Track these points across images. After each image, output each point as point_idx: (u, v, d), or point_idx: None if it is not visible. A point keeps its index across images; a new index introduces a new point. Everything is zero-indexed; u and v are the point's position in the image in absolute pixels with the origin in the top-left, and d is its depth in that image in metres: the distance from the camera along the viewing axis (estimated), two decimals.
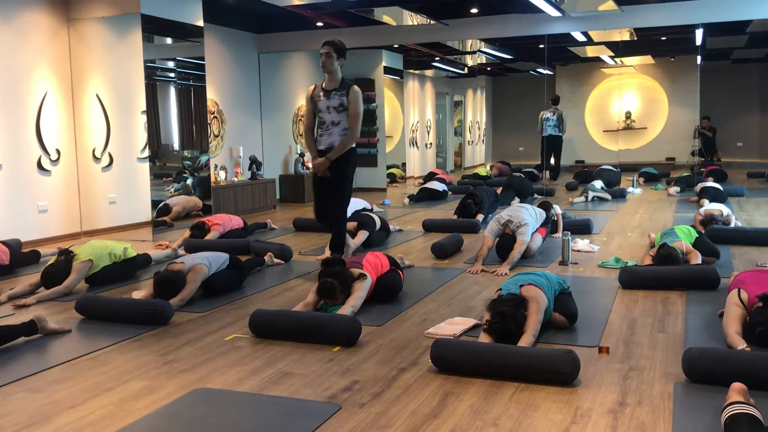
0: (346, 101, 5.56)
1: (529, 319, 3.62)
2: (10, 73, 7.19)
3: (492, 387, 3.10)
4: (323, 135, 5.70)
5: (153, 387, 3.14)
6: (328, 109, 5.63)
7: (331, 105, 5.61)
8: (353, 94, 5.57)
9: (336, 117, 5.62)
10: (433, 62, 14.93)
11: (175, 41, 9.04)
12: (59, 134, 7.82)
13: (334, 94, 5.60)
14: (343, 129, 5.62)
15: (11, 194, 7.20)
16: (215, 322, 4.26)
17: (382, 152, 13.46)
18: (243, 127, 10.80)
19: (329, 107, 5.62)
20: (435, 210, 9.77)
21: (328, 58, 5.55)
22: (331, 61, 5.56)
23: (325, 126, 5.68)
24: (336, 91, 5.61)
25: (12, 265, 5.89)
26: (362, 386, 3.14)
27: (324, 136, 5.69)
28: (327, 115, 5.65)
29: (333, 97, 5.60)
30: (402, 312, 4.39)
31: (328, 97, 5.62)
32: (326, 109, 5.64)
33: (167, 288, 4.57)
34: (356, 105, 5.56)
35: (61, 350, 3.79)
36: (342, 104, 5.57)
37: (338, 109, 5.60)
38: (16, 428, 2.77)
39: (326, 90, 5.65)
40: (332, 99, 5.60)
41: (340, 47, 5.59)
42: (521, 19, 9.87)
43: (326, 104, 5.63)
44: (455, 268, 5.80)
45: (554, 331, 3.82)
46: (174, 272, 4.66)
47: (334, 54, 5.54)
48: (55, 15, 7.72)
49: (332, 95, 5.61)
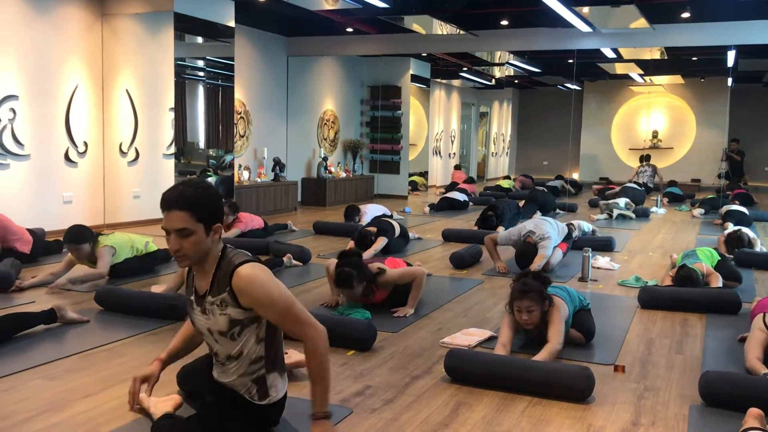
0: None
1: (552, 328, 3.59)
2: (44, 65, 7.31)
3: (505, 399, 3.08)
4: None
5: (167, 381, 3.15)
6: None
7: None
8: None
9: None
10: (461, 72, 14.93)
11: (205, 41, 9.13)
12: (88, 127, 7.93)
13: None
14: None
15: (38, 184, 7.31)
16: None
17: (405, 160, 13.47)
18: (268, 128, 10.87)
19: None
20: (455, 220, 9.75)
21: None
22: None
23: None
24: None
25: (35, 254, 5.97)
26: (374, 391, 3.13)
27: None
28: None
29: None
30: (418, 320, 4.39)
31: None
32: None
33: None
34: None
35: (78, 340, 3.83)
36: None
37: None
38: (31, 414, 2.81)
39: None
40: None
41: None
42: (551, 33, 9.85)
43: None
44: (473, 278, 5.78)
45: (570, 347, 3.79)
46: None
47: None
48: (90, 9, 7.84)
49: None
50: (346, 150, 13.22)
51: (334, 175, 12.19)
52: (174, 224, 2.29)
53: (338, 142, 13.05)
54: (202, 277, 2.44)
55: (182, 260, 2.36)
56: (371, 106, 13.71)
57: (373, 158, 13.77)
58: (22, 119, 7.10)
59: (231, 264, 2.36)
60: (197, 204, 2.30)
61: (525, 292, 3.59)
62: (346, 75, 13.18)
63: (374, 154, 13.76)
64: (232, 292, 2.35)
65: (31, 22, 7.13)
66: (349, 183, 12.43)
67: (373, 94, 13.66)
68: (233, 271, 2.34)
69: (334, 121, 12.88)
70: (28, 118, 7.17)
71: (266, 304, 2.34)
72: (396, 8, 8.30)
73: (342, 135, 13.16)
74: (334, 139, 12.89)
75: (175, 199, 2.30)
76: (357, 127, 13.75)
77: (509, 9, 9.09)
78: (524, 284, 3.63)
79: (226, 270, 2.37)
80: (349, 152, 13.24)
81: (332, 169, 12.31)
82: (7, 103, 6.93)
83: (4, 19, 6.86)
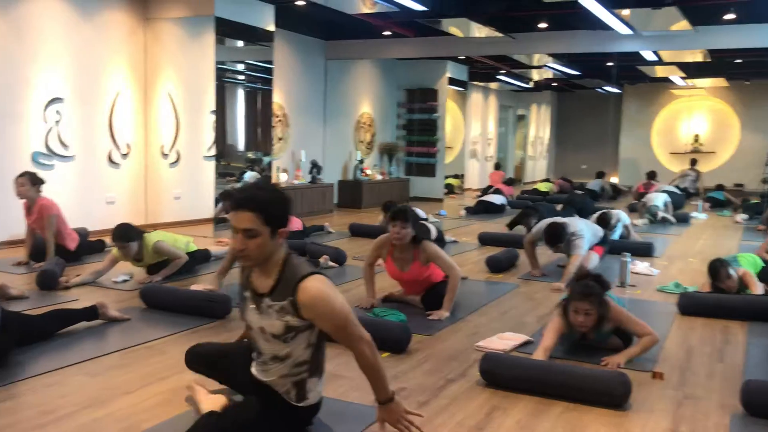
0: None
1: (632, 325, 3.67)
2: (88, 68, 7.48)
3: (540, 404, 3.07)
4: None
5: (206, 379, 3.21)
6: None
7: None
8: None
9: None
10: (498, 75, 14.86)
11: (245, 44, 9.25)
12: (130, 129, 8.10)
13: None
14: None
15: (82, 185, 7.48)
16: None
17: (441, 163, 13.45)
18: (306, 131, 10.96)
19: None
20: (491, 223, 9.70)
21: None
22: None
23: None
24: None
25: (79, 252, 6.11)
26: (409, 393, 3.14)
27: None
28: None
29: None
30: (453, 323, 4.38)
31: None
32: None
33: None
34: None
35: (120, 337, 3.92)
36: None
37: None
38: (74, 409, 2.88)
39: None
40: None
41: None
42: (590, 36, 9.74)
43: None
44: (509, 282, 5.75)
45: (608, 352, 3.74)
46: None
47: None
48: (133, 14, 8.01)
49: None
50: (382, 153, 13.25)
51: (369, 178, 12.23)
52: (242, 224, 2.33)
53: (374, 145, 13.09)
54: (262, 278, 2.47)
55: (245, 260, 2.41)
56: (408, 109, 13.72)
57: (409, 161, 13.78)
58: (68, 121, 7.28)
59: (296, 274, 2.40)
60: (266, 207, 2.35)
61: (586, 294, 3.57)
62: (382, 78, 13.22)
63: (410, 157, 13.76)
64: (295, 303, 2.38)
65: (77, 26, 7.31)
66: (385, 185, 12.46)
67: (410, 97, 13.67)
68: (298, 282, 2.37)
69: (371, 123, 12.93)
70: (73, 120, 7.35)
71: (326, 319, 2.40)
72: (433, 11, 8.30)
73: (378, 138, 13.20)
74: (370, 141, 12.93)
75: (245, 200, 2.34)
76: (393, 129, 13.78)
77: (548, 12, 9.02)
78: (586, 286, 3.62)
79: (290, 279, 2.40)
80: (385, 155, 13.27)
81: (368, 172, 12.35)
82: (53, 106, 7.12)
83: (51, 24, 7.04)
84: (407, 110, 13.74)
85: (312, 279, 2.38)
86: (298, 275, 2.38)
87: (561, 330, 3.66)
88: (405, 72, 13.56)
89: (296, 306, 2.38)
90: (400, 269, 4.60)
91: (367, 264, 4.79)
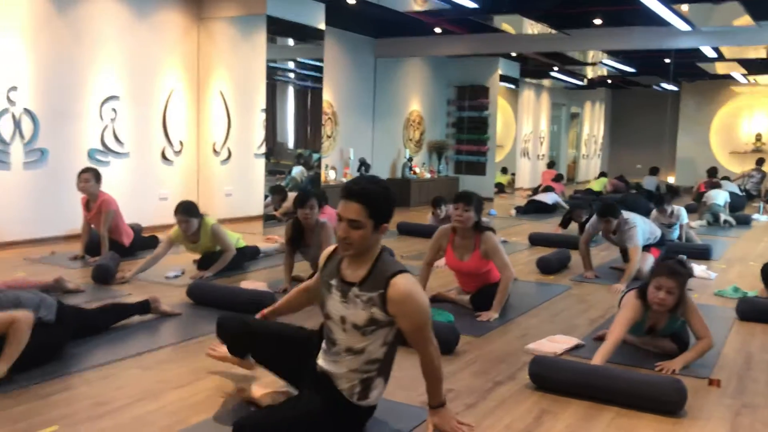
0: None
1: (697, 325, 3.57)
2: (143, 67, 7.65)
3: (591, 409, 3.00)
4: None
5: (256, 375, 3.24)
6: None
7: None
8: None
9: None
10: (551, 72, 14.64)
11: (296, 43, 9.32)
12: (183, 127, 8.25)
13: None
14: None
15: (136, 181, 7.65)
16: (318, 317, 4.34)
17: (491, 161, 13.33)
18: (355, 129, 10.99)
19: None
20: (542, 224, 9.56)
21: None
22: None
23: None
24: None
25: (133, 248, 6.25)
26: (456, 395, 3.11)
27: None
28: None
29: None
30: (502, 325, 4.33)
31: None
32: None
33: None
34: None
35: (172, 332, 3.98)
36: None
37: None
38: (128, 401, 2.94)
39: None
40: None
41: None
42: (647, 32, 9.51)
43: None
44: (561, 284, 5.65)
45: (662, 357, 3.64)
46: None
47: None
48: (187, 13, 8.15)
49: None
50: (431, 151, 13.20)
51: (418, 176, 12.20)
52: (349, 213, 2.42)
53: (423, 143, 13.05)
54: (354, 267, 2.52)
55: (346, 248, 2.47)
56: (458, 107, 13.64)
57: (459, 159, 13.69)
58: (123, 119, 7.45)
59: (388, 269, 2.47)
60: (374, 202, 2.44)
61: (674, 272, 3.51)
62: (432, 75, 13.16)
63: (459, 155, 13.68)
64: (384, 297, 2.45)
65: (132, 26, 7.47)
66: (434, 184, 12.40)
67: (460, 94, 13.58)
68: (391, 277, 2.44)
69: (420, 121, 12.89)
70: (128, 118, 7.52)
71: (409, 317, 2.47)
72: (485, 8, 8.22)
73: (427, 136, 13.15)
74: (419, 139, 12.89)
75: (356, 192, 2.43)
76: (443, 127, 13.71)
77: (603, 8, 8.84)
78: (674, 264, 3.58)
79: (383, 272, 2.47)
80: (434, 153, 13.22)
81: (417, 170, 12.32)
82: (109, 104, 7.30)
83: (108, 25, 7.22)
84: (457, 108, 13.65)
85: (403, 276, 2.45)
86: (390, 270, 2.46)
87: (634, 315, 3.57)
88: (455, 69, 13.47)
89: (385, 300, 2.44)
90: (459, 258, 4.55)
91: (425, 263, 4.76)
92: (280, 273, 5.50)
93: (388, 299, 2.43)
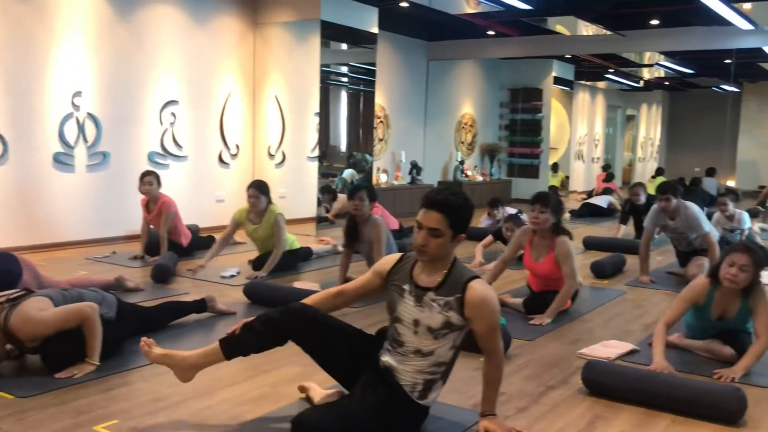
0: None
1: (760, 320, 3.44)
2: (201, 72, 7.83)
3: (645, 416, 2.94)
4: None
5: (306, 374, 3.28)
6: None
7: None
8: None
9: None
10: (607, 74, 14.39)
11: (349, 47, 9.40)
12: (239, 131, 8.41)
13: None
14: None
15: (194, 183, 7.83)
16: (370, 317, 4.37)
17: (545, 164, 13.18)
18: (406, 132, 11.01)
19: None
20: (597, 227, 9.41)
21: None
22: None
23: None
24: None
25: (190, 249, 6.39)
26: (508, 398, 3.09)
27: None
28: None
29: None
30: (555, 329, 4.28)
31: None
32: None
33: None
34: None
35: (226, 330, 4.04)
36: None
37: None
38: (183, 398, 3.01)
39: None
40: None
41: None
42: (706, 32, 9.27)
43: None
44: (615, 288, 5.56)
45: (720, 364, 3.54)
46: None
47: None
48: (244, 19, 8.31)
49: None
50: (483, 153, 13.12)
51: (470, 179, 12.14)
52: (429, 222, 2.49)
53: (475, 146, 12.98)
54: (429, 273, 2.58)
55: (423, 255, 2.54)
56: (511, 109, 13.53)
57: (511, 162, 13.58)
58: (182, 123, 7.64)
59: (465, 275, 2.55)
60: (454, 212, 2.52)
61: (749, 249, 3.46)
62: (485, 78, 13.09)
63: (512, 158, 13.56)
64: (461, 301, 2.51)
65: (191, 32, 7.66)
66: (486, 186, 12.33)
67: (513, 96, 13.47)
68: (468, 282, 2.52)
69: (472, 124, 12.83)
70: (187, 121, 7.71)
71: (485, 320, 2.54)
72: (539, 10, 8.14)
73: (480, 138, 13.08)
74: (471, 142, 12.84)
75: (438, 202, 2.50)
76: (495, 130, 13.62)
77: (660, 8, 8.66)
78: (750, 244, 3.53)
79: (459, 278, 2.54)
80: (486, 156, 13.14)
81: (468, 173, 12.27)
82: (169, 108, 7.49)
83: (168, 31, 7.42)
84: (510, 110, 13.54)
85: (479, 281, 2.54)
86: (466, 275, 2.55)
87: (697, 292, 3.53)
88: (508, 71, 13.37)
89: (462, 303, 2.50)
90: (535, 259, 4.55)
91: (501, 260, 4.77)
92: (332, 275, 5.56)
93: (466, 303, 2.50)
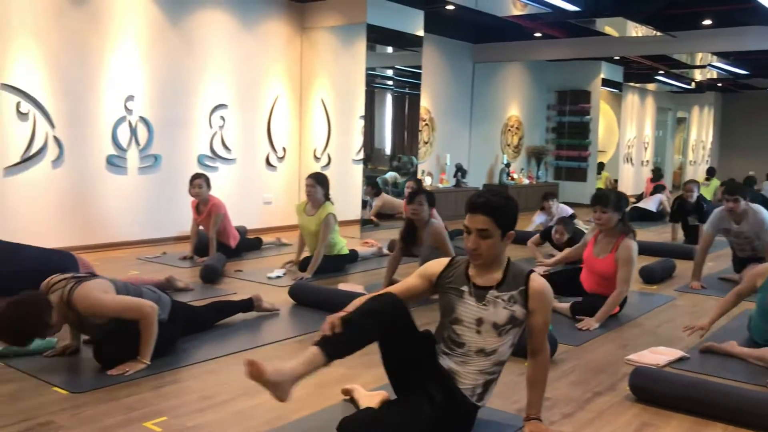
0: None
1: None
2: (250, 76, 7.95)
3: (695, 424, 2.89)
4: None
5: (350, 376, 3.31)
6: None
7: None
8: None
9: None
10: (656, 76, 14.12)
11: (395, 50, 9.43)
12: (286, 134, 8.51)
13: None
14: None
15: (242, 186, 7.96)
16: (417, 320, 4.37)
17: (593, 167, 12.99)
18: (451, 134, 10.99)
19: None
20: (646, 232, 9.23)
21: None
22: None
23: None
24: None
25: (238, 250, 6.50)
26: (553, 404, 3.07)
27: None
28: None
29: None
30: (602, 334, 4.22)
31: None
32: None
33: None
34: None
35: (272, 330, 4.13)
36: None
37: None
38: (230, 396, 3.07)
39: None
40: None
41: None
42: (762, 32, 9.02)
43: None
44: (664, 294, 5.46)
45: None
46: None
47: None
48: (291, 24, 8.41)
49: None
50: (529, 156, 13.01)
51: (516, 182, 12.04)
52: (477, 224, 2.55)
53: (522, 148, 12.88)
54: (486, 273, 2.63)
55: (476, 258, 2.59)
56: (558, 112, 13.39)
57: (558, 165, 13.43)
58: (230, 126, 7.78)
59: (523, 269, 2.64)
60: (500, 212, 2.56)
61: None
62: (532, 80, 12.98)
63: (559, 161, 13.41)
64: (525, 292, 2.58)
65: (239, 37, 7.79)
66: (532, 190, 12.21)
67: (561, 99, 13.32)
68: (529, 274, 2.61)
69: (519, 126, 12.73)
70: (235, 125, 7.84)
71: (546, 311, 2.61)
72: (587, 11, 8.04)
73: (526, 141, 12.97)
74: (517, 145, 12.74)
75: (482, 205, 2.55)
76: (542, 132, 13.49)
77: (713, 8, 8.46)
78: None
79: (519, 272, 2.62)
80: (532, 158, 13.02)
81: (515, 176, 12.17)
82: (218, 112, 7.63)
83: (218, 36, 7.56)
84: (557, 113, 13.40)
85: (537, 274, 2.63)
86: (525, 269, 2.64)
87: (759, 274, 3.64)
88: (556, 74, 13.23)
89: (527, 295, 2.57)
90: (596, 255, 4.58)
91: (564, 256, 5.30)
92: (376, 277, 5.59)
93: (530, 293, 2.56)
